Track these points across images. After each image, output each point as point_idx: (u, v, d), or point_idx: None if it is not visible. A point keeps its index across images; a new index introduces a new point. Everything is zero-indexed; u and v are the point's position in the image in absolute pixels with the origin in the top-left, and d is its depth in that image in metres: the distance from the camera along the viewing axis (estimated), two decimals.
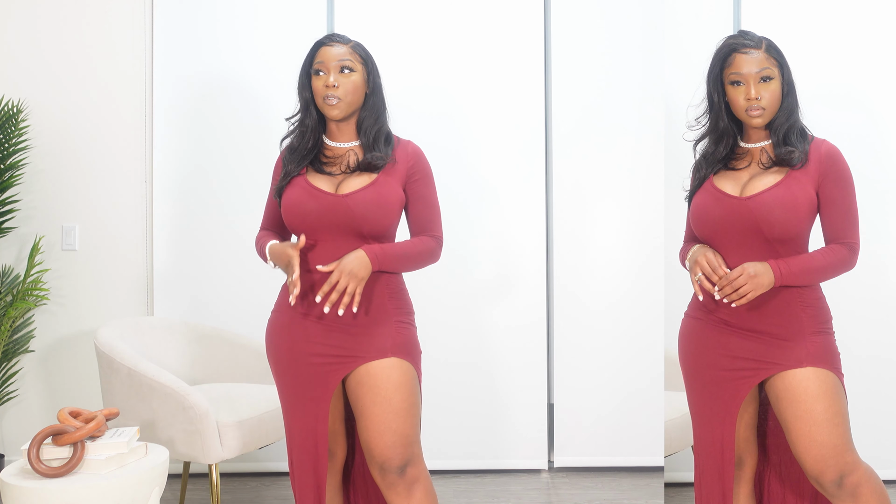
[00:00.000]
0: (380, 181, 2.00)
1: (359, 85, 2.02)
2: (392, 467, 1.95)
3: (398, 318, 2.03)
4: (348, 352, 1.98)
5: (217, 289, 3.36)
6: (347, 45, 2.03)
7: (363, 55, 2.04)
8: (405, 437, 1.96)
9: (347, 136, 2.07)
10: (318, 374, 1.99)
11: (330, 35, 2.06)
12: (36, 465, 2.03)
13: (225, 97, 3.35)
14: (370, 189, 1.98)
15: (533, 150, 3.37)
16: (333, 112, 2.00)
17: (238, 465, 3.35)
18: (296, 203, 2.00)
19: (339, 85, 1.98)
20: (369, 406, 1.96)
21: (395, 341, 1.99)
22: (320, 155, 2.07)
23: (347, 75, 2.00)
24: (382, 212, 1.99)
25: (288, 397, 2.04)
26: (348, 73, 2.00)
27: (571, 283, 3.38)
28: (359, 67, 2.02)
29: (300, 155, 2.06)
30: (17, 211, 3.29)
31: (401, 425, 1.95)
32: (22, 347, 3.27)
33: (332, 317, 1.98)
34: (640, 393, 3.34)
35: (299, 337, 2.01)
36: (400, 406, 1.95)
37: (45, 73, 3.33)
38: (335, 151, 2.07)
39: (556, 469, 3.42)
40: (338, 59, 1.99)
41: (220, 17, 3.36)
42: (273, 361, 2.07)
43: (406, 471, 1.96)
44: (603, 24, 3.38)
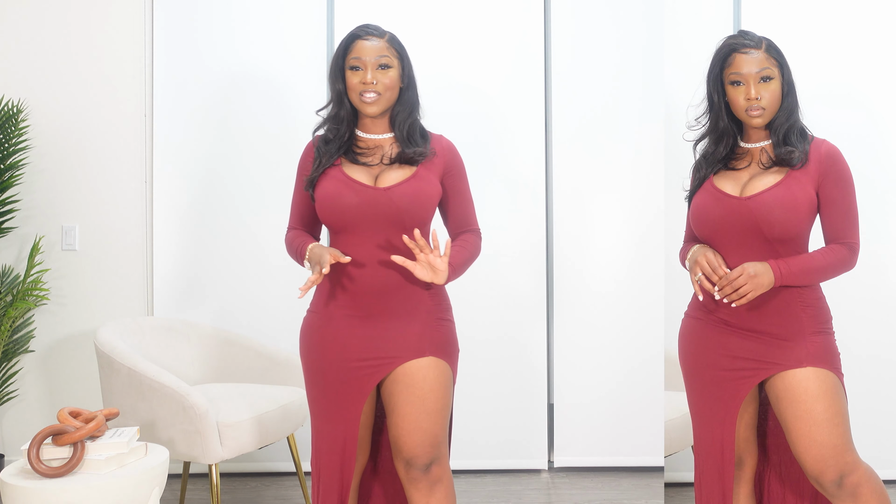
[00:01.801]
0: (420, 174, 1.98)
1: (395, 80, 1.99)
2: (418, 464, 1.95)
3: (438, 315, 2.02)
4: (386, 353, 1.96)
5: (217, 289, 3.36)
6: (383, 38, 1.99)
7: (399, 49, 2.01)
8: (434, 437, 1.96)
9: (381, 128, 2.04)
10: (354, 378, 1.97)
11: (364, 27, 2.01)
12: (36, 465, 2.03)
13: (225, 97, 3.35)
14: (412, 182, 1.96)
15: (533, 150, 3.37)
16: (371, 109, 1.97)
17: (238, 465, 3.35)
18: (333, 195, 1.96)
19: (378, 82, 1.95)
20: (402, 405, 1.95)
21: (432, 340, 1.98)
22: (353, 146, 2.04)
23: (385, 72, 1.96)
24: (423, 205, 1.97)
25: (319, 400, 2.00)
26: (386, 69, 1.97)
27: (571, 283, 3.38)
28: (395, 62, 1.99)
29: (335, 146, 2.02)
30: (17, 211, 3.29)
31: (431, 426, 1.95)
32: (22, 347, 3.27)
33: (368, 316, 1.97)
34: (640, 393, 3.34)
35: (335, 339, 1.98)
36: (433, 407, 1.95)
37: (45, 74, 3.33)
38: (368, 143, 2.04)
39: (556, 469, 3.42)
40: (376, 54, 1.96)
41: (220, 17, 3.36)
42: (306, 362, 2.04)
43: (431, 469, 1.96)
44: (603, 25, 3.38)
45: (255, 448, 2.65)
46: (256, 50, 3.35)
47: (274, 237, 3.36)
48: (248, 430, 2.61)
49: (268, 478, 3.35)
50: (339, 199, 1.95)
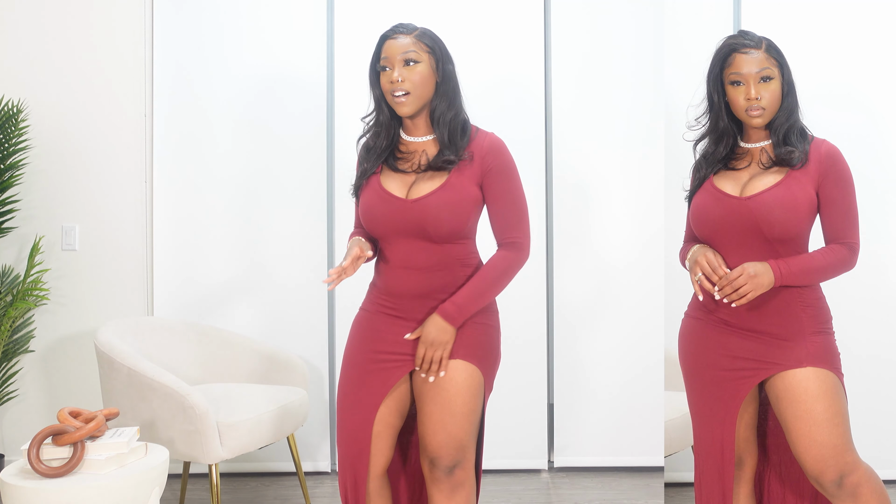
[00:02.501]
0: (451, 183, 1.93)
1: (426, 76, 1.93)
2: (441, 465, 1.96)
3: (476, 319, 2.00)
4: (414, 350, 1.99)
5: (217, 289, 3.36)
6: (412, 34, 1.95)
7: (429, 43, 1.95)
8: (458, 441, 1.96)
9: (422, 129, 2.00)
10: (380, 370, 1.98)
11: (395, 26, 1.98)
12: (36, 465, 2.03)
13: (225, 97, 3.35)
14: (440, 192, 1.92)
15: (533, 150, 3.37)
16: (403, 109, 1.93)
17: (238, 465, 3.35)
18: (368, 207, 1.98)
19: (405, 79, 1.91)
20: (429, 404, 1.96)
21: (465, 343, 1.97)
22: (395, 150, 2.01)
23: (412, 67, 1.91)
24: (454, 215, 1.92)
25: (347, 394, 2.02)
26: (413, 65, 1.92)
27: (571, 283, 3.38)
28: (424, 57, 1.93)
29: (376, 154, 2.01)
30: (17, 211, 3.29)
31: (456, 429, 1.95)
32: (22, 347, 3.27)
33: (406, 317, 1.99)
34: (640, 393, 3.34)
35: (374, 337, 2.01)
36: (459, 410, 1.96)
37: (45, 74, 3.33)
38: (409, 147, 2.00)
39: (556, 469, 3.42)
40: (402, 51, 1.92)
41: (220, 17, 3.36)
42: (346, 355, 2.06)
43: (454, 472, 1.97)
44: (603, 24, 3.38)
45: (255, 448, 2.65)
46: (256, 50, 3.35)
47: (274, 237, 3.36)
48: (248, 430, 2.61)
49: (268, 478, 3.35)
50: (371, 210, 1.97)
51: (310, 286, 3.34)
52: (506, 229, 2.01)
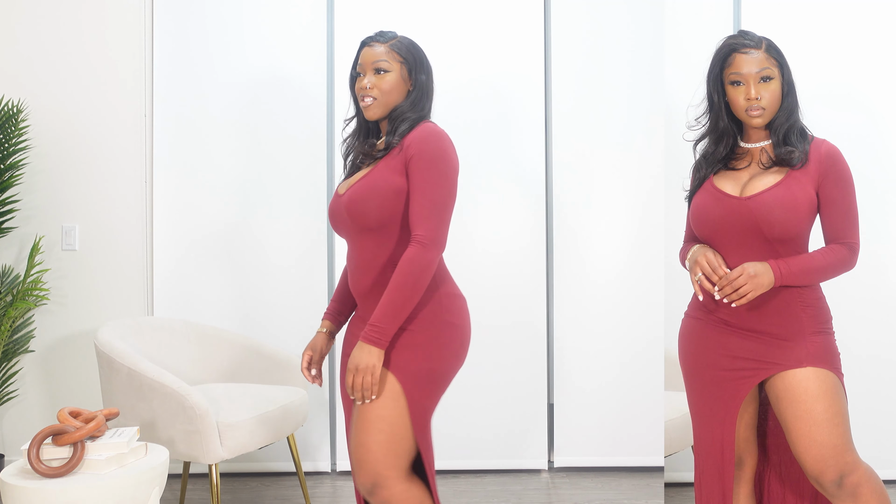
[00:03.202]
0: (375, 170, 1.92)
1: (395, 84, 1.95)
2: (364, 490, 1.88)
3: (404, 330, 1.92)
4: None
5: (217, 289, 3.36)
6: (387, 43, 1.97)
7: (403, 53, 1.97)
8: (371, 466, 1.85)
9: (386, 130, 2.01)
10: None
11: (375, 34, 2.00)
12: (36, 465, 2.03)
13: (224, 97, 3.35)
14: (363, 181, 1.92)
15: (533, 150, 3.37)
16: (368, 112, 1.96)
17: (238, 465, 3.35)
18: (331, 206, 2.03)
19: (373, 86, 1.95)
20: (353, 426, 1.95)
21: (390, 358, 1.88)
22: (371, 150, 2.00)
23: (382, 76, 1.95)
24: (363, 206, 1.88)
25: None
26: (383, 73, 1.95)
27: (571, 284, 3.38)
28: (396, 66, 1.95)
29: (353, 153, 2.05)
30: (17, 211, 3.29)
31: (365, 453, 1.85)
32: (22, 347, 3.27)
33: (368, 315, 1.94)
34: (640, 393, 3.34)
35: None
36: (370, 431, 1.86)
37: (45, 74, 3.33)
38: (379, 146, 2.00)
39: (556, 469, 3.42)
40: (374, 59, 1.95)
41: (220, 18, 3.36)
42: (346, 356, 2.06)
43: (375, 493, 1.86)
44: (603, 24, 3.38)
45: (255, 448, 2.65)
46: (256, 50, 3.35)
47: (274, 236, 3.36)
48: (248, 430, 2.61)
49: (268, 478, 3.35)
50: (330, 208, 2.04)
51: (310, 286, 3.34)
52: (413, 223, 1.86)
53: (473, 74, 3.38)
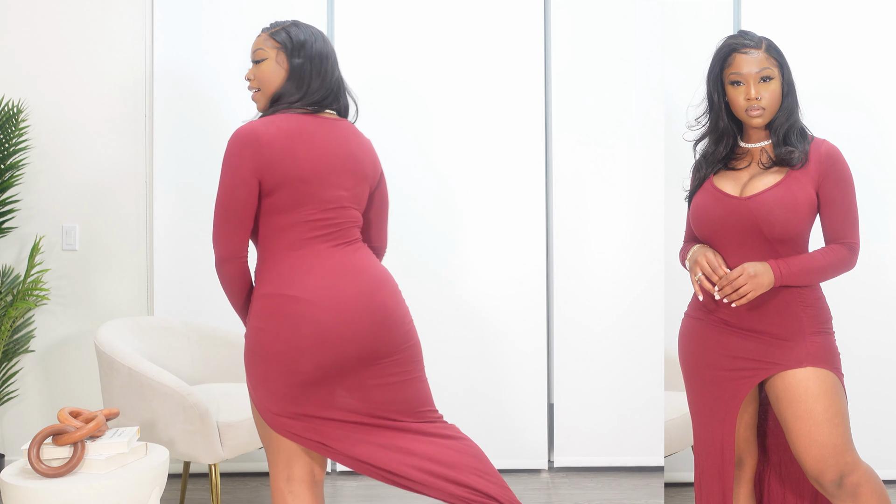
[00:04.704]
0: None
1: (269, 72, 1.94)
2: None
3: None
4: None
5: (217, 289, 3.34)
6: (268, 31, 1.99)
7: (281, 38, 1.95)
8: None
9: None
10: None
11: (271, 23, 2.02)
12: (36, 465, 2.03)
13: (225, 96, 3.35)
14: None
15: (533, 150, 3.37)
16: (257, 105, 1.99)
17: (238, 465, 3.35)
18: None
19: (253, 77, 1.97)
20: None
21: None
22: None
23: (258, 66, 1.95)
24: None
25: None
26: (259, 63, 1.95)
27: (571, 284, 3.38)
28: (271, 53, 1.95)
29: None
30: (17, 211, 3.29)
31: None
32: (22, 347, 3.27)
33: None
34: (640, 393, 3.34)
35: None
36: None
37: (45, 74, 3.33)
38: None
39: (556, 469, 3.42)
40: (254, 49, 1.97)
41: (220, 17, 3.36)
42: None
43: None
44: (603, 24, 3.38)
45: (255, 448, 2.65)
46: None
47: None
48: (248, 430, 2.61)
49: (268, 478, 3.35)
50: None
51: None
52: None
53: (473, 74, 3.38)
